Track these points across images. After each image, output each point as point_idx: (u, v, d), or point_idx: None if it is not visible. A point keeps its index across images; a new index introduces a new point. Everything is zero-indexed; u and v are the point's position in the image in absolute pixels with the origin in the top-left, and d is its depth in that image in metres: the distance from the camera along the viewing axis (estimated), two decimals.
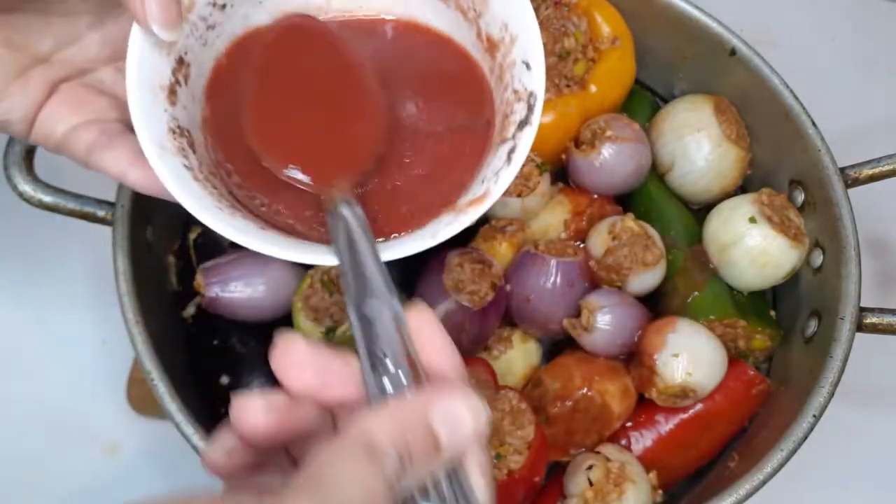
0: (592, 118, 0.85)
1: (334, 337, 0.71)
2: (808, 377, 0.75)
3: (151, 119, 0.52)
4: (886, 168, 0.81)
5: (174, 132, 0.54)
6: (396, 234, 0.53)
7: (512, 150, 0.53)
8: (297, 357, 0.43)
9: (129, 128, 0.54)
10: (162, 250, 0.82)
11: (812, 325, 0.80)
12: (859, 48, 1.12)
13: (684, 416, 0.77)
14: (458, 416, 0.41)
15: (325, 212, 0.51)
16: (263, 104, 0.55)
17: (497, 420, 0.70)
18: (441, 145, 0.57)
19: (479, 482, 0.42)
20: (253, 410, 0.42)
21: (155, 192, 0.56)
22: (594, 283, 0.79)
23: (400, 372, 0.43)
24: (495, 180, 0.53)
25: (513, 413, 0.70)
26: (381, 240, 0.53)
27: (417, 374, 0.43)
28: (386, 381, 0.43)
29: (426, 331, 0.45)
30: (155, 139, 0.52)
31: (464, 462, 0.42)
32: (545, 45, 0.85)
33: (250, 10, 0.59)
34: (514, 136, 0.54)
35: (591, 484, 0.71)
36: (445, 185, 0.55)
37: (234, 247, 0.80)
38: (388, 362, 0.43)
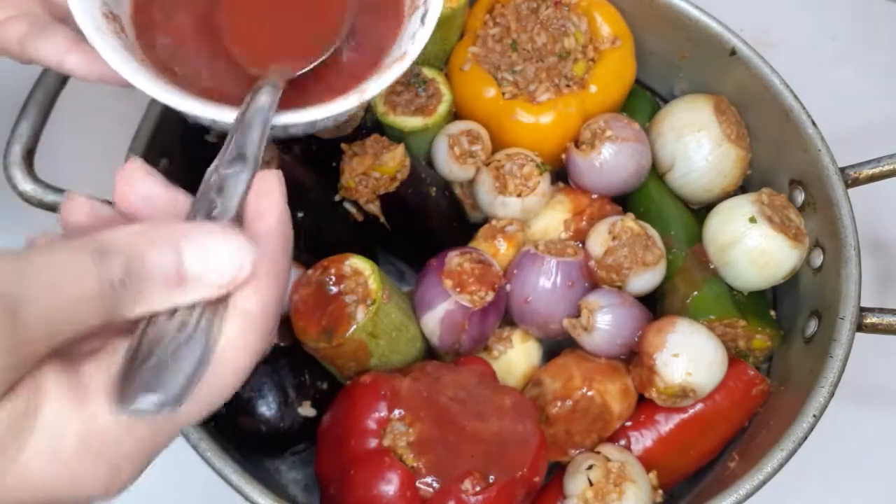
0: (592, 118, 0.85)
1: (333, 337, 0.71)
2: (808, 377, 0.75)
3: (86, 4, 0.58)
4: (886, 168, 0.81)
5: (106, 17, 0.59)
6: (330, 99, 0.58)
7: (424, 14, 0.62)
8: (133, 179, 0.45)
9: (57, 20, 0.59)
10: None
11: (812, 325, 0.80)
12: (859, 48, 1.12)
13: (684, 416, 0.77)
14: (215, 252, 0.40)
15: (253, 85, 0.55)
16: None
17: None
18: (361, 20, 0.64)
19: (233, 325, 0.41)
20: (78, 208, 0.44)
21: (92, 75, 0.59)
22: (594, 283, 0.79)
23: (218, 221, 0.43)
24: (412, 41, 0.61)
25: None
26: (313, 106, 0.57)
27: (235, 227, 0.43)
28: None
29: (265, 196, 0.45)
30: (92, 22, 0.56)
31: (229, 305, 0.41)
32: (545, 44, 0.86)
33: None
34: (424, 3, 0.63)
35: (591, 484, 0.71)
36: (369, 54, 0.63)
37: None
38: (216, 212, 0.43)
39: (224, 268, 0.40)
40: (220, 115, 0.55)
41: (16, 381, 0.36)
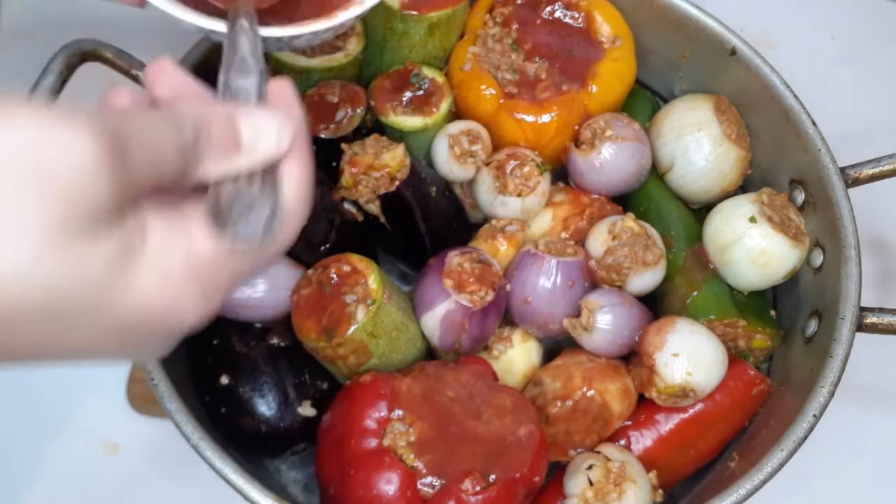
0: (592, 118, 0.85)
1: (333, 337, 0.71)
2: (808, 377, 0.75)
3: None
4: (886, 168, 0.82)
5: None
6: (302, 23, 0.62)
7: None
8: (164, 69, 0.51)
9: None
10: None
11: (812, 325, 0.80)
12: (859, 48, 1.12)
13: (684, 415, 0.77)
14: (263, 126, 0.47)
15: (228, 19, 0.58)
16: None
17: None
18: None
19: (288, 187, 0.49)
20: (121, 95, 0.49)
21: None
22: (594, 283, 0.79)
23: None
24: None
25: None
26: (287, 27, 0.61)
27: None
28: None
29: (281, 91, 0.52)
30: None
31: (278, 171, 0.48)
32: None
33: None
34: None
35: (591, 484, 0.71)
36: None
37: None
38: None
39: (271, 139, 0.47)
40: (215, 26, 0.59)
41: (123, 213, 0.41)
